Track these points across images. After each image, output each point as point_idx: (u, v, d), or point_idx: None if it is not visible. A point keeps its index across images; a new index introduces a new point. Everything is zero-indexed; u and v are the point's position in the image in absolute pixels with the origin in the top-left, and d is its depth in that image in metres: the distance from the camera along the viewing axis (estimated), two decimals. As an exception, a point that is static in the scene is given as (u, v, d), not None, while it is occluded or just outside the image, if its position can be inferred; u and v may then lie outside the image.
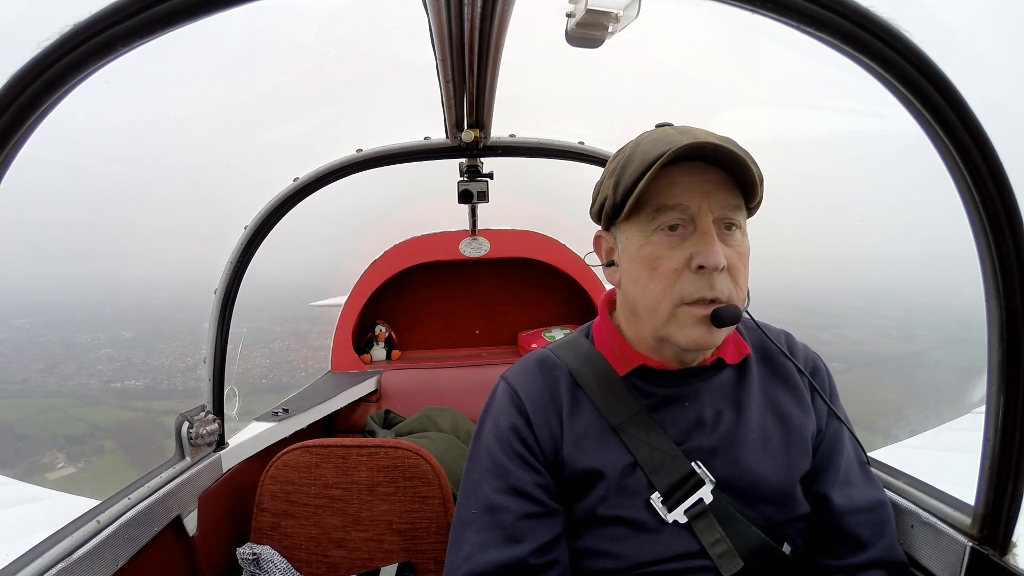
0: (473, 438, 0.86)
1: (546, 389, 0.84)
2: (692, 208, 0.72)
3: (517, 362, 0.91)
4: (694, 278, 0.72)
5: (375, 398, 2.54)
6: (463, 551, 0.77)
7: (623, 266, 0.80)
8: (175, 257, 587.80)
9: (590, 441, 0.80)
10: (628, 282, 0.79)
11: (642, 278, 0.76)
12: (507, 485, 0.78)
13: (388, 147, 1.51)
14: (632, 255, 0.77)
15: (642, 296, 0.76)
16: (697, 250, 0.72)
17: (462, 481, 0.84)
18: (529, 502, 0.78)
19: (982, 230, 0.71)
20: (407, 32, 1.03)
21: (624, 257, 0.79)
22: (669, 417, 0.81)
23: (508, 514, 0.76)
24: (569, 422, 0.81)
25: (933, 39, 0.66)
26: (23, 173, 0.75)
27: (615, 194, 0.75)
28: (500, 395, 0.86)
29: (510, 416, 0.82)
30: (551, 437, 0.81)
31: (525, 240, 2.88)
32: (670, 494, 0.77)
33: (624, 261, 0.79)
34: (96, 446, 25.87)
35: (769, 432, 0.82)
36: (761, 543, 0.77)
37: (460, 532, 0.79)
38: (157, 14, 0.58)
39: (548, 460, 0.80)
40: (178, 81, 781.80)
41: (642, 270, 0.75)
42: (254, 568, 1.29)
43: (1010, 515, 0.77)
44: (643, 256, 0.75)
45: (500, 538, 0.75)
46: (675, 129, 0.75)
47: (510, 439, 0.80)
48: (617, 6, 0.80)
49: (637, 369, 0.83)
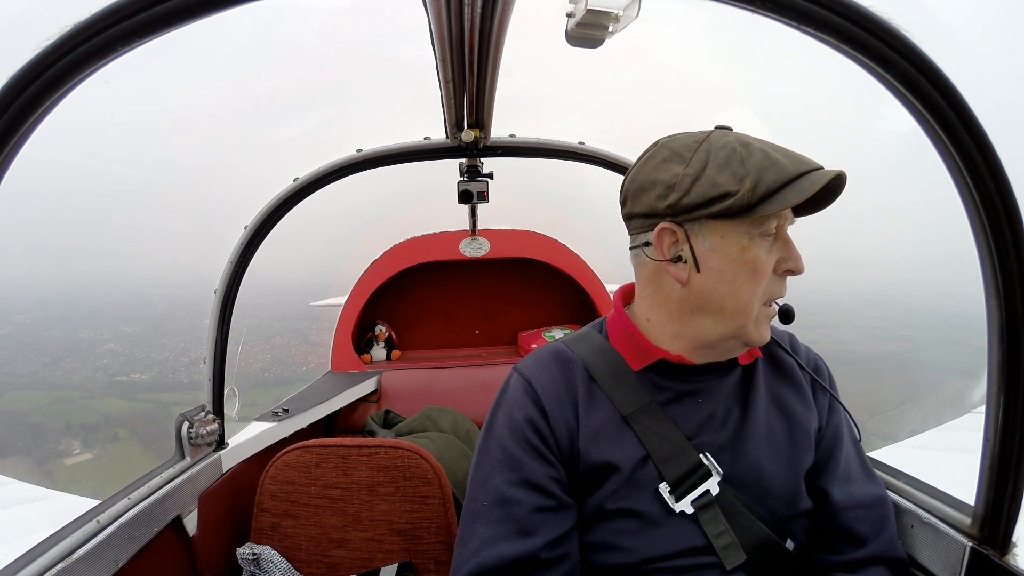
0: (484, 430, 0.85)
1: (562, 382, 0.84)
2: (782, 218, 0.78)
3: (530, 355, 0.90)
4: (779, 281, 0.80)
5: (375, 398, 2.54)
6: (472, 544, 0.76)
7: (710, 264, 0.77)
8: (172, 256, 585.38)
9: (605, 435, 0.80)
10: (715, 281, 0.78)
11: (740, 279, 0.77)
12: (520, 478, 0.78)
13: (388, 147, 1.51)
14: (732, 256, 0.76)
15: (734, 296, 0.77)
16: (788, 256, 0.79)
17: (471, 474, 0.83)
18: (542, 495, 0.77)
19: (982, 230, 0.71)
20: (407, 32, 1.03)
21: (714, 255, 0.77)
22: (682, 412, 0.82)
23: (520, 507, 0.76)
24: (585, 415, 0.81)
25: (933, 39, 0.67)
26: (23, 172, 0.75)
27: (752, 193, 0.73)
28: (514, 387, 0.85)
29: (525, 408, 0.82)
30: (567, 430, 0.80)
31: (525, 240, 2.88)
32: (678, 484, 0.77)
33: (714, 260, 0.77)
34: (110, 434, 26.26)
35: (775, 429, 0.83)
36: (765, 537, 0.78)
37: (470, 525, 0.78)
38: (157, 14, 0.58)
39: (564, 454, 0.80)
40: (178, 81, 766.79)
41: (742, 271, 0.76)
42: (254, 568, 1.29)
43: (1010, 515, 0.77)
44: (747, 259, 0.76)
45: (511, 531, 0.75)
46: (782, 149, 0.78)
47: (525, 431, 0.80)
48: (617, 6, 0.80)
49: (655, 364, 0.83)
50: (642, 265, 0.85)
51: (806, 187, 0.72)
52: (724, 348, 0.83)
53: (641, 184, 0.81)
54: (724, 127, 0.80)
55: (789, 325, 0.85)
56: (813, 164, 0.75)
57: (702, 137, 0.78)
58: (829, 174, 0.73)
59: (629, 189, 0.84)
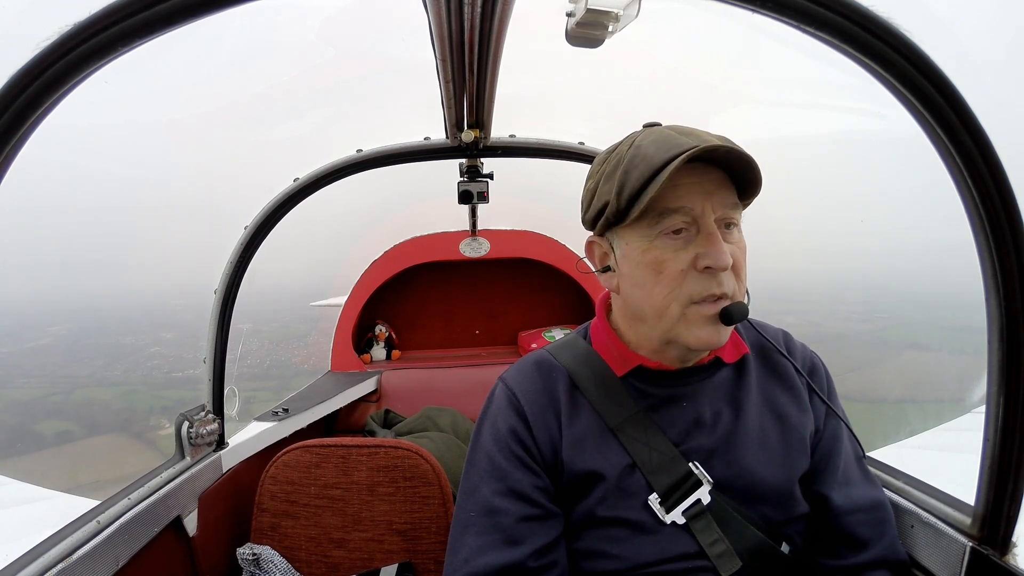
0: (472, 441, 0.86)
1: (544, 391, 0.84)
2: (696, 210, 0.72)
3: (515, 364, 0.90)
4: (700, 277, 0.73)
5: (375, 398, 2.54)
6: (462, 554, 0.76)
7: (623, 271, 0.79)
8: (183, 265, 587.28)
9: (589, 443, 0.80)
10: (630, 287, 0.78)
11: (647, 283, 0.75)
12: (506, 487, 0.78)
13: (388, 147, 1.51)
14: (635, 260, 0.76)
15: (647, 300, 0.76)
16: (704, 251, 0.72)
17: (460, 484, 0.83)
18: (528, 504, 0.78)
19: (982, 230, 0.70)
20: (407, 32, 1.03)
21: (625, 262, 0.78)
22: (668, 417, 0.81)
23: (507, 516, 0.76)
24: (568, 424, 0.81)
25: (933, 39, 0.66)
26: (22, 170, 0.75)
27: (619, 200, 0.73)
28: (498, 397, 0.86)
29: (508, 419, 0.82)
30: (550, 439, 0.81)
31: (525, 240, 2.88)
32: (668, 495, 0.76)
33: (625, 266, 0.78)
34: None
35: (768, 432, 0.82)
36: (760, 543, 0.77)
37: (459, 535, 0.79)
38: (157, 14, 0.58)
39: (547, 462, 0.80)
40: (178, 81, 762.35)
41: (647, 274, 0.75)
42: (254, 568, 1.29)
43: (1010, 515, 0.77)
44: (647, 261, 0.74)
45: (499, 540, 0.75)
46: (673, 129, 0.74)
47: (508, 442, 0.80)
48: (617, 6, 0.80)
49: (635, 370, 0.83)
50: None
51: (664, 177, 0.68)
52: (676, 354, 0.80)
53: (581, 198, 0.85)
54: (652, 124, 0.79)
55: (728, 327, 0.74)
56: (685, 145, 0.69)
57: (621, 144, 0.79)
58: (686, 151, 0.67)
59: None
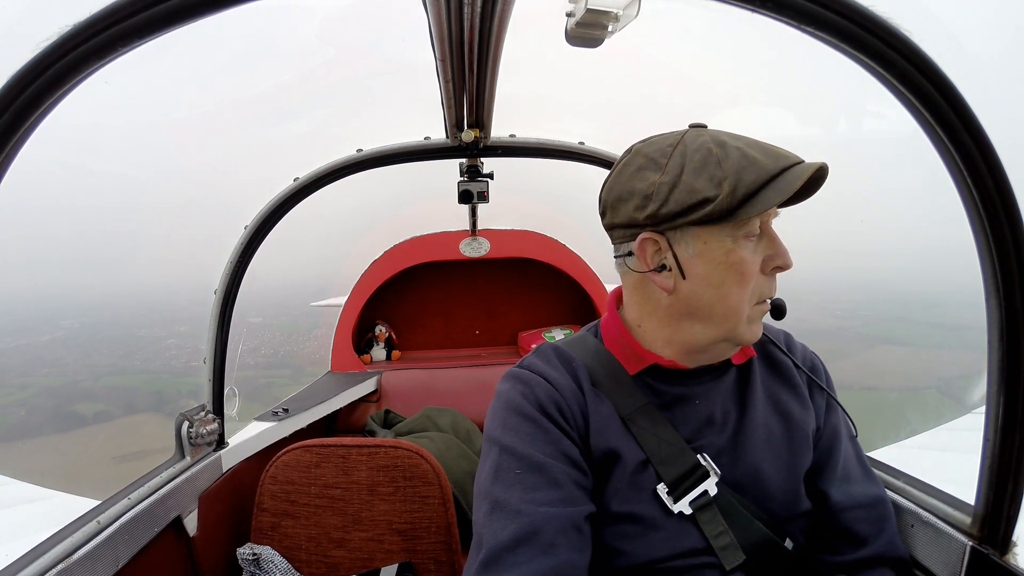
0: (491, 414, 0.82)
1: (569, 377, 0.83)
2: (766, 215, 0.75)
3: (530, 353, 0.89)
4: (768, 280, 0.78)
5: (375, 398, 2.54)
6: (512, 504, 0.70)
7: (695, 271, 0.76)
8: (187, 262, 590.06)
9: (610, 430, 0.80)
10: (702, 287, 0.76)
11: (726, 283, 0.75)
12: (557, 451, 0.75)
13: (388, 147, 1.51)
14: (717, 260, 0.75)
15: (723, 300, 0.75)
16: (774, 253, 0.76)
17: (480, 464, 0.79)
18: (578, 472, 0.76)
19: (982, 230, 0.71)
20: (407, 32, 1.03)
21: (699, 261, 0.76)
22: (680, 415, 0.81)
23: (562, 475, 0.73)
24: (592, 410, 0.81)
25: (933, 39, 0.66)
26: (23, 170, 0.75)
27: (732, 197, 0.71)
28: (525, 377, 0.83)
29: (543, 388, 0.80)
30: (582, 417, 0.80)
31: (525, 240, 2.88)
32: (676, 485, 0.77)
33: (699, 266, 0.76)
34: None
35: (773, 430, 0.83)
36: (764, 537, 0.78)
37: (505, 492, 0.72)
38: (157, 14, 0.58)
39: (581, 437, 0.79)
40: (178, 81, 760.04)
41: (728, 275, 0.75)
42: (254, 568, 1.29)
43: (1010, 515, 0.77)
44: (732, 262, 0.74)
45: (557, 497, 0.72)
46: (759, 145, 0.75)
47: (547, 407, 0.78)
48: (617, 6, 0.80)
49: (648, 368, 0.83)
50: (627, 274, 0.84)
51: (787, 185, 0.70)
52: (716, 351, 0.82)
53: (619, 195, 0.79)
54: (698, 125, 0.78)
55: (781, 320, 0.83)
56: (793, 158, 0.73)
57: (676, 139, 0.76)
58: (810, 168, 0.70)
59: (607, 200, 0.82)
